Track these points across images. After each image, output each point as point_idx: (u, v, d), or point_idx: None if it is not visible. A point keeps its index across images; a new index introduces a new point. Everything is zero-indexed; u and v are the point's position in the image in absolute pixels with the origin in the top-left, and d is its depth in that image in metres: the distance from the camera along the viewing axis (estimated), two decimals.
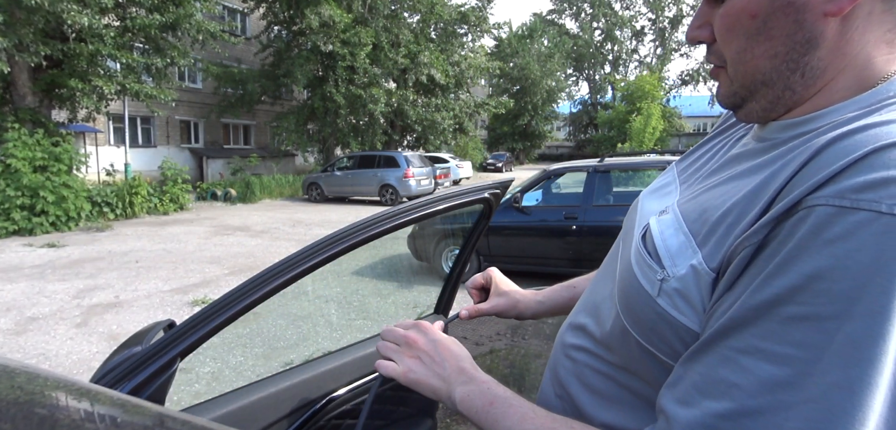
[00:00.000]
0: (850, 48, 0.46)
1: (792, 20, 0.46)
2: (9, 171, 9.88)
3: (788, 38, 0.47)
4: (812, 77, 0.48)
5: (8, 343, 4.34)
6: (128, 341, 1.13)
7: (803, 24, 0.46)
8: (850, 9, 0.44)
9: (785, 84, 0.49)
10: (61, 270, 6.92)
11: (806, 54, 0.47)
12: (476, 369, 0.63)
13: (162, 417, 0.53)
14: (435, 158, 20.68)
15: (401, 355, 0.68)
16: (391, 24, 20.70)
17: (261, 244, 9.00)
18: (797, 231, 0.38)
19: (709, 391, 0.40)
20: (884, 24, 0.46)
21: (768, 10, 0.47)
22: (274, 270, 1.01)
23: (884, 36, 0.46)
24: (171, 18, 12.46)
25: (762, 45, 0.48)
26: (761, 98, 0.51)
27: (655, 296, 0.52)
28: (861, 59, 0.46)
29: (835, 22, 0.45)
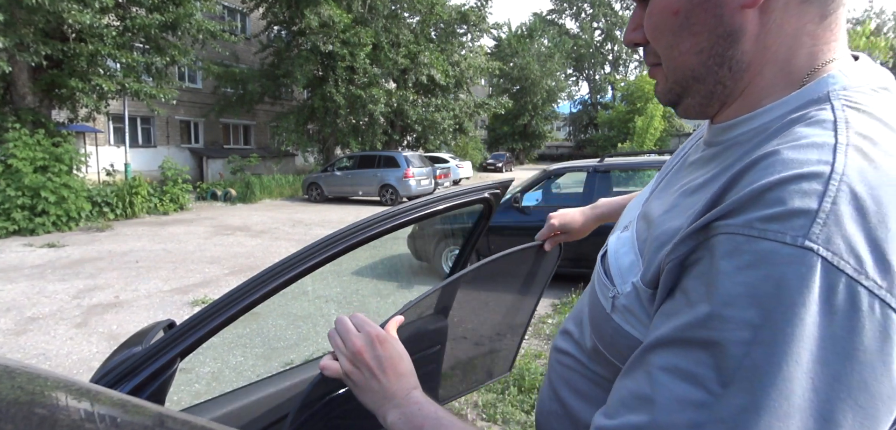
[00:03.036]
0: (772, 40, 0.47)
1: (712, 15, 0.47)
2: (10, 171, 9.88)
3: (711, 33, 0.48)
4: (739, 71, 0.49)
5: (8, 343, 4.34)
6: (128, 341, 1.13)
7: (723, 17, 0.47)
8: (766, 1, 0.46)
9: (715, 78, 0.50)
10: (61, 270, 6.92)
11: (729, 48, 0.48)
12: (412, 390, 0.62)
13: (162, 417, 0.53)
14: (435, 158, 20.69)
15: (344, 359, 0.66)
16: (391, 25, 20.71)
17: (261, 244, 9.00)
18: (712, 256, 0.39)
19: (630, 404, 0.42)
20: (804, 16, 0.46)
21: (689, 6, 0.48)
22: (274, 270, 1.01)
23: (805, 28, 0.47)
24: (171, 18, 12.45)
25: (687, 41, 0.49)
26: (695, 94, 0.53)
27: (610, 311, 0.55)
28: (783, 51, 0.47)
29: (753, 14, 0.46)
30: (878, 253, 0.34)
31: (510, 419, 2.91)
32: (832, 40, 0.48)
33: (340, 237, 1.04)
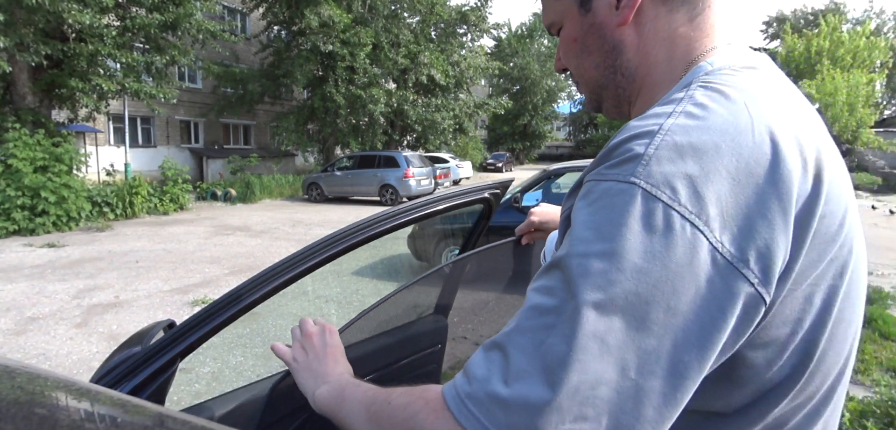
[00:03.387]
0: (650, 47, 0.58)
1: (598, 36, 0.60)
2: (10, 171, 9.88)
3: (600, 50, 0.60)
4: (630, 75, 0.60)
5: (8, 343, 4.34)
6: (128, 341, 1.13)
7: (606, 36, 0.59)
8: (635, 17, 0.57)
9: (614, 84, 0.62)
10: (61, 270, 6.92)
11: (617, 59, 0.60)
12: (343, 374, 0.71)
13: (162, 417, 0.53)
14: (435, 158, 20.68)
15: (297, 344, 0.77)
16: (391, 25, 20.69)
17: (261, 244, 9.00)
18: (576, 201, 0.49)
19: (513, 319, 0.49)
20: (674, 22, 0.57)
21: (583, 33, 0.61)
22: (274, 270, 1.01)
23: (677, 31, 0.57)
24: (171, 18, 12.45)
25: (587, 60, 0.62)
26: (607, 99, 0.64)
27: None
28: (663, 53, 0.58)
29: (629, 29, 0.58)
30: (691, 186, 0.42)
31: None
32: (705, 36, 0.57)
33: (340, 237, 1.04)
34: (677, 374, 0.41)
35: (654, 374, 0.41)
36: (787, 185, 0.44)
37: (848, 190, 0.52)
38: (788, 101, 0.51)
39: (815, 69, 29.76)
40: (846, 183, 0.52)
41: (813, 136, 0.49)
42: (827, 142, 0.52)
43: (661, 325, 0.41)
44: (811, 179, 0.46)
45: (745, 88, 0.49)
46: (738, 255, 0.42)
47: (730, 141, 0.44)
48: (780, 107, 0.49)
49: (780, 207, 0.43)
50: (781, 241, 0.43)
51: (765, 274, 0.43)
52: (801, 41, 32.23)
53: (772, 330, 0.47)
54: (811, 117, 0.52)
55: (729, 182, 0.43)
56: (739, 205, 0.43)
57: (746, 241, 0.42)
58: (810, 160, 0.47)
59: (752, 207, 0.43)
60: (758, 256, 0.42)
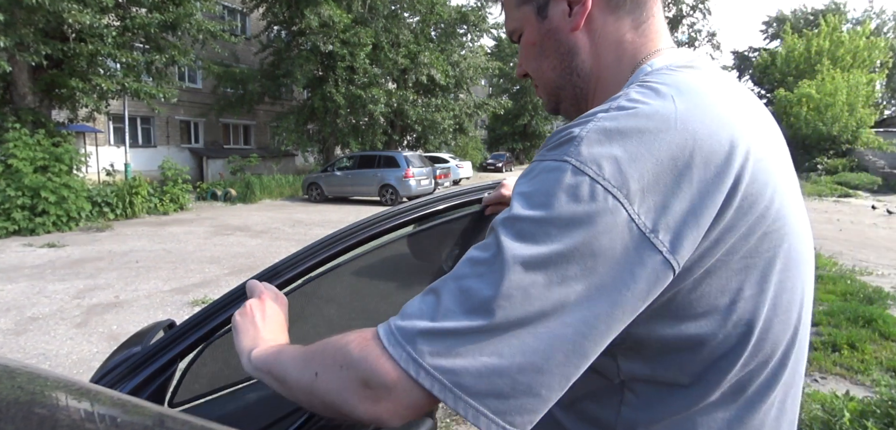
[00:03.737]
0: (601, 50, 0.64)
1: (554, 39, 0.65)
2: (10, 171, 9.87)
3: (557, 53, 0.66)
4: (585, 76, 0.66)
5: (8, 343, 4.33)
6: (128, 341, 1.13)
7: (561, 40, 0.65)
8: (586, 23, 0.63)
9: (571, 85, 0.67)
10: (61, 270, 6.92)
11: (572, 61, 0.66)
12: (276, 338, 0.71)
13: (162, 417, 0.53)
14: (435, 158, 20.67)
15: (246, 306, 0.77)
16: (391, 25, 20.69)
17: (261, 244, 9.00)
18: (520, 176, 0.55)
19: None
20: (621, 28, 0.63)
21: (540, 38, 0.67)
22: (274, 270, 1.01)
23: (624, 36, 0.63)
24: (171, 18, 12.45)
25: (545, 62, 0.68)
26: (565, 100, 0.70)
27: None
28: (612, 57, 0.64)
29: (581, 34, 0.64)
30: (615, 164, 0.48)
31: None
32: (649, 41, 0.63)
33: (340, 237, 1.04)
34: (590, 326, 0.47)
35: (568, 325, 0.46)
36: (706, 167, 0.49)
37: (780, 172, 0.56)
38: (722, 94, 0.55)
39: (815, 69, 29.75)
40: (779, 166, 0.57)
41: (742, 124, 0.53)
42: (761, 130, 0.57)
43: (580, 282, 0.46)
44: (735, 163, 0.50)
45: (677, 84, 0.54)
46: (651, 227, 0.47)
47: (653, 127, 0.49)
48: (709, 99, 0.53)
49: (698, 186, 0.48)
50: (696, 217, 0.48)
51: (674, 245, 0.48)
52: (801, 41, 32.23)
53: (710, 299, 0.52)
54: (747, 109, 0.57)
55: (650, 163, 0.48)
56: (658, 183, 0.48)
57: (661, 215, 0.47)
58: (735, 146, 0.50)
59: (671, 186, 0.48)
60: (670, 229, 0.48)
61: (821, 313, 4.66)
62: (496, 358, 0.46)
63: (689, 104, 0.51)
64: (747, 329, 0.54)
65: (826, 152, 25.46)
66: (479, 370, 0.46)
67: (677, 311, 0.52)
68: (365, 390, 0.50)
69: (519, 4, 0.68)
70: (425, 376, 0.46)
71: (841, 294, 5.37)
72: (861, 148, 25.45)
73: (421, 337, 0.47)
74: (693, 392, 0.55)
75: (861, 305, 4.84)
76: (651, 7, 0.64)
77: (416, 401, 0.48)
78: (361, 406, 0.50)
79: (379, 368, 0.49)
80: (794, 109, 26.66)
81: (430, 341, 0.47)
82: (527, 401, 0.46)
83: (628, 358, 0.56)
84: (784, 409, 0.60)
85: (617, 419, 0.58)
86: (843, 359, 3.74)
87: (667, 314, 0.52)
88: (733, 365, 0.54)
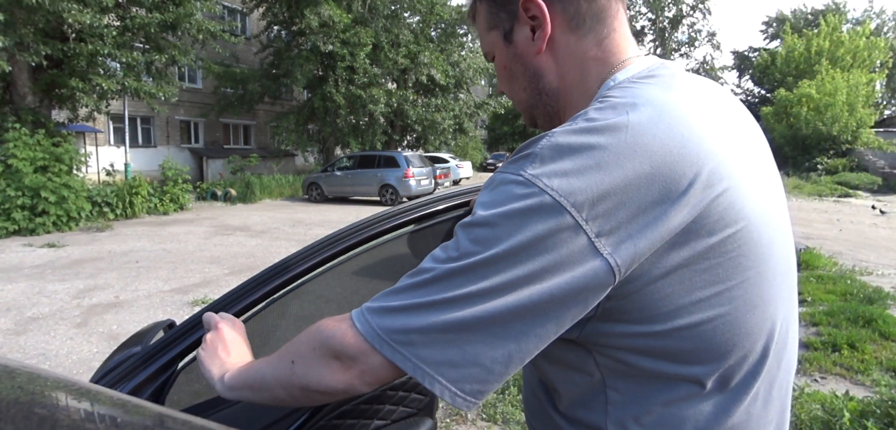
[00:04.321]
0: (566, 70, 0.67)
1: (521, 63, 0.69)
2: (10, 171, 9.87)
3: (525, 75, 0.70)
4: (554, 95, 0.69)
5: (8, 343, 4.33)
6: (128, 341, 1.13)
7: (528, 64, 0.69)
8: (549, 45, 0.66)
9: (542, 103, 0.71)
10: (61, 270, 6.92)
11: (539, 82, 0.69)
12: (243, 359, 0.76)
13: (162, 417, 0.53)
14: (435, 158, 20.66)
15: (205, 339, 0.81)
16: (391, 25, 20.68)
17: (261, 244, 9.00)
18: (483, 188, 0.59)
19: None
20: (584, 47, 0.66)
21: (509, 61, 0.71)
22: (274, 270, 1.01)
23: (588, 54, 0.66)
24: (171, 18, 12.44)
25: (516, 84, 0.72)
26: (539, 116, 0.73)
27: None
28: (577, 75, 0.67)
29: (546, 56, 0.67)
30: (564, 177, 0.52)
31: (510, 419, 2.91)
32: (614, 54, 0.66)
33: (340, 237, 1.04)
34: (533, 327, 0.52)
35: (516, 314, 0.52)
36: (656, 179, 0.51)
37: (743, 172, 0.57)
38: (681, 104, 0.57)
39: (814, 69, 29.75)
40: (744, 166, 0.58)
41: (700, 133, 0.55)
42: (725, 135, 0.58)
43: (524, 286, 0.51)
44: (688, 173, 0.52)
45: (634, 97, 0.57)
46: (596, 233, 0.50)
47: (605, 142, 0.52)
48: (666, 111, 0.55)
49: (647, 198, 0.51)
50: (644, 227, 0.51)
51: (619, 252, 0.51)
52: (801, 41, 32.22)
53: (673, 300, 0.54)
54: (710, 115, 0.59)
55: (600, 175, 0.51)
56: (607, 194, 0.51)
57: (607, 223, 0.51)
58: (690, 158, 0.53)
59: (619, 197, 0.51)
60: (616, 237, 0.51)
61: (821, 314, 4.66)
62: (451, 333, 0.52)
63: (642, 118, 0.54)
64: (716, 328, 0.56)
65: (826, 152, 25.45)
66: (434, 341, 0.53)
67: (639, 312, 0.55)
68: (335, 361, 0.59)
69: (488, 29, 0.71)
70: (386, 346, 0.55)
71: (841, 294, 5.37)
72: (861, 148, 25.45)
73: (386, 313, 0.56)
74: (676, 387, 0.58)
75: (861, 305, 4.84)
76: (613, 21, 0.66)
77: (379, 367, 0.56)
78: (334, 377, 0.59)
79: (346, 340, 0.57)
80: (794, 109, 26.66)
81: (393, 316, 0.55)
82: (476, 372, 0.53)
83: (601, 354, 0.59)
84: (770, 399, 0.62)
85: (606, 419, 0.60)
86: (843, 359, 3.74)
87: (627, 315, 0.55)
88: (710, 361, 0.56)
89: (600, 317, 0.56)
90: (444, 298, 0.53)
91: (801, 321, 4.61)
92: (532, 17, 0.66)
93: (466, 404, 0.54)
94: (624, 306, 0.55)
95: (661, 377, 0.58)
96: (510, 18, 0.68)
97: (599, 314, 0.55)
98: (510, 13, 0.68)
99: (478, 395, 0.54)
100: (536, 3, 0.65)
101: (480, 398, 0.54)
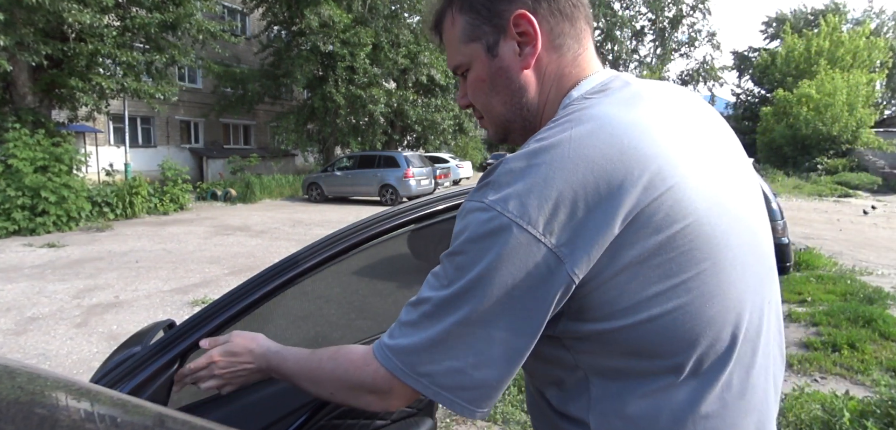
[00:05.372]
0: (545, 85, 0.71)
1: (505, 78, 0.71)
2: (10, 171, 9.86)
3: (508, 90, 0.72)
4: (534, 110, 0.72)
5: (8, 343, 4.34)
6: (128, 341, 1.13)
7: (512, 79, 0.71)
8: (535, 62, 0.69)
9: (521, 118, 0.73)
10: (61, 270, 6.92)
11: (523, 97, 0.72)
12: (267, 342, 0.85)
13: (162, 417, 0.53)
14: (435, 158, 20.64)
15: (212, 375, 0.86)
16: (391, 25, 20.67)
17: (261, 244, 9.00)
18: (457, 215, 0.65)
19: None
20: (562, 64, 0.70)
21: (492, 75, 0.72)
22: (274, 270, 1.01)
23: (564, 69, 0.70)
24: (171, 18, 12.44)
25: (496, 98, 0.73)
26: (513, 131, 0.76)
27: None
28: (554, 91, 0.71)
29: (530, 72, 0.70)
30: (518, 198, 0.57)
31: (510, 419, 2.91)
32: (581, 70, 0.70)
33: (340, 237, 1.04)
34: (516, 327, 0.59)
35: (500, 327, 0.59)
36: (597, 183, 0.56)
37: (696, 176, 0.60)
38: (629, 116, 0.62)
39: (813, 70, 29.74)
40: (696, 170, 0.61)
41: (645, 137, 0.59)
42: (677, 142, 0.61)
43: (499, 298, 0.58)
44: (629, 175, 0.56)
45: (580, 114, 0.62)
46: (554, 244, 0.56)
47: (549, 159, 0.58)
48: (607, 120, 0.60)
49: (593, 205, 0.56)
50: (592, 231, 0.56)
51: (573, 256, 0.56)
52: (801, 41, 32.20)
53: (629, 297, 0.58)
54: (660, 120, 0.63)
55: (546, 189, 0.56)
56: (555, 205, 0.56)
57: (562, 233, 0.56)
58: (629, 160, 0.57)
59: (567, 206, 0.56)
60: (568, 243, 0.56)
61: (821, 314, 4.66)
62: (455, 362, 0.60)
63: (583, 132, 0.59)
64: (676, 320, 0.59)
65: (826, 152, 25.42)
66: (448, 372, 0.61)
67: (601, 309, 0.59)
68: (372, 396, 0.68)
69: (467, 41, 0.72)
70: (410, 378, 0.63)
71: (841, 294, 5.37)
72: (861, 148, 25.42)
73: (404, 352, 0.64)
74: (649, 380, 0.62)
75: (861, 305, 4.84)
76: (584, 39, 0.71)
77: (410, 394, 0.65)
78: (372, 405, 0.69)
79: (380, 381, 0.66)
80: (794, 109, 26.64)
81: (409, 354, 0.63)
82: (484, 391, 0.61)
83: (577, 350, 0.64)
84: (747, 388, 0.64)
85: (589, 412, 0.64)
86: (843, 359, 3.74)
87: (591, 312, 0.60)
88: (676, 353, 0.60)
89: (570, 316, 0.61)
90: (444, 327, 0.60)
91: (801, 321, 4.61)
92: (521, 34, 0.68)
93: (481, 413, 0.62)
94: (587, 305, 0.60)
95: (633, 372, 0.62)
96: (496, 32, 0.70)
97: (569, 313, 0.61)
98: (496, 27, 0.69)
99: (488, 406, 0.62)
100: (528, 21, 0.67)
101: (489, 405, 0.63)
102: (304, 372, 0.76)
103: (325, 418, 1.26)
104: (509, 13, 0.68)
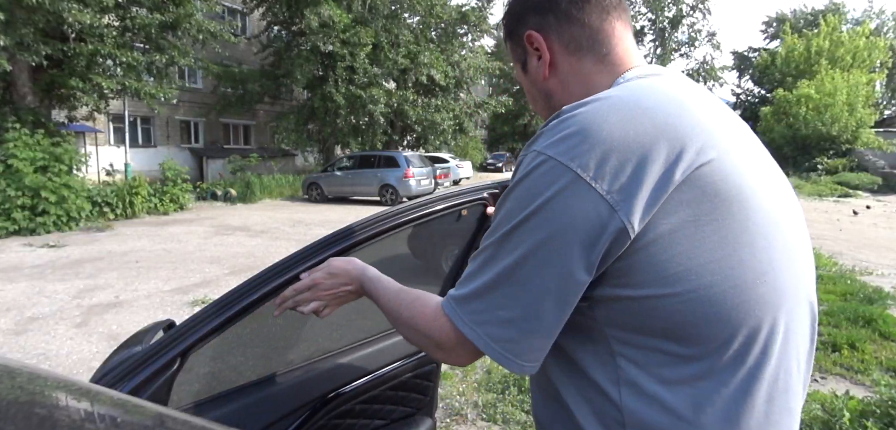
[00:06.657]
0: (570, 86, 0.78)
1: (535, 87, 0.82)
2: (10, 171, 9.86)
3: (541, 97, 0.83)
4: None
5: (8, 343, 4.33)
6: (128, 341, 1.13)
7: (539, 87, 0.82)
8: (552, 70, 0.79)
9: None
10: (61, 270, 6.92)
11: (551, 100, 0.81)
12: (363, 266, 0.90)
13: (162, 417, 0.53)
14: (435, 158, 20.63)
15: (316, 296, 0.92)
16: (391, 25, 20.66)
17: (261, 244, 9.00)
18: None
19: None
20: (585, 66, 0.76)
21: (528, 86, 0.84)
22: (274, 270, 1.01)
23: (590, 71, 0.76)
24: (171, 18, 12.43)
25: (537, 104, 0.85)
26: None
27: None
28: (582, 89, 0.76)
29: (553, 79, 0.79)
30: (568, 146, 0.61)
31: (510, 419, 2.91)
32: (619, 66, 0.75)
33: (340, 237, 1.04)
34: (566, 275, 0.61)
35: (550, 277, 0.61)
36: (644, 151, 0.58)
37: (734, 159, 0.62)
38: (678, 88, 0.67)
39: (814, 69, 29.73)
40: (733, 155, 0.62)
41: (694, 109, 0.63)
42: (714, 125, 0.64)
43: (556, 241, 0.60)
44: (693, 137, 0.59)
45: (631, 89, 0.66)
46: (607, 191, 0.58)
47: (600, 119, 0.61)
48: (660, 86, 0.66)
49: (649, 157, 0.58)
50: (649, 182, 0.58)
51: (627, 206, 0.58)
52: (801, 41, 32.20)
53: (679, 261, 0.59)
54: (704, 102, 0.67)
55: (600, 145, 0.59)
56: (609, 160, 0.59)
57: (614, 181, 0.58)
58: (693, 123, 0.61)
59: (619, 163, 0.58)
60: (624, 192, 0.58)
61: (821, 314, 4.66)
62: (506, 311, 0.63)
63: (632, 102, 0.62)
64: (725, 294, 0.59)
65: (826, 152, 25.42)
66: (500, 323, 0.64)
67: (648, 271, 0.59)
68: (439, 349, 0.72)
69: (514, 61, 0.86)
70: (474, 335, 0.65)
71: (841, 294, 5.37)
72: (861, 148, 25.41)
73: (466, 301, 0.67)
74: (676, 364, 0.62)
75: (861, 305, 4.84)
76: (610, 40, 0.76)
77: (472, 350, 0.67)
78: (438, 356, 0.74)
79: (444, 337, 0.70)
80: (794, 109, 26.63)
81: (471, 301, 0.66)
82: (534, 342, 0.64)
83: (611, 326, 0.64)
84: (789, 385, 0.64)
85: (619, 387, 0.64)
86: (843, 359, 3.74)
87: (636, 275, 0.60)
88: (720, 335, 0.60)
89: (613, 278, 0.62)
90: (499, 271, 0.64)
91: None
92: (536, 49, 0.79)
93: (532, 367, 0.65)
94: (635, 264, 0.60)
95: (661, 351, 0.62)
96: (523, 52, 0.81)
97: (614, 275, 0.61)
98: (523, 48, 0.81)
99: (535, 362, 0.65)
100: (535, 37, 0.78)
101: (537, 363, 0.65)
102: (387, 310, 0.81)
103: (326, 418, 1.26)
104: (524, 34, 0.79)
